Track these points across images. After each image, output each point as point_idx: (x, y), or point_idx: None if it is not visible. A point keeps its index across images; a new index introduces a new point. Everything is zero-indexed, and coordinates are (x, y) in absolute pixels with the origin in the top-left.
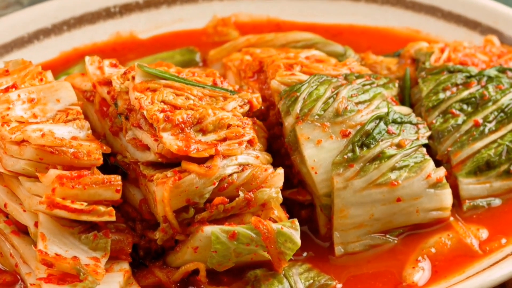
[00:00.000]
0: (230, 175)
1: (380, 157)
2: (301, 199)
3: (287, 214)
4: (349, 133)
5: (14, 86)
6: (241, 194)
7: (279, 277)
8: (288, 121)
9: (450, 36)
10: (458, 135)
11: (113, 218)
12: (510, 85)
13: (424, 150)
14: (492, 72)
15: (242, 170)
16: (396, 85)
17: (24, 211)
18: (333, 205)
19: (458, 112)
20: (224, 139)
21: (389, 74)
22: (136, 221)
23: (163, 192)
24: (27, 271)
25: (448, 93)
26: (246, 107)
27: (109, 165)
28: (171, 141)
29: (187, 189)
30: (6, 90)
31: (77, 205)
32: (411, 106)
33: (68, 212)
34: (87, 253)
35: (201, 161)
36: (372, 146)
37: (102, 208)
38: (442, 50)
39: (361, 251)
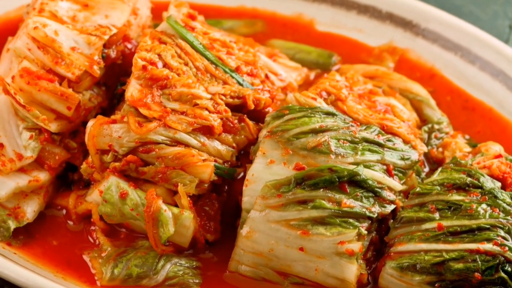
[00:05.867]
0: (157, 143)
1: (309, 203)
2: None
3: (192, 207)
4: (302, 169)
5: None
6: (157, 164)
7: (154, 255)
8: (262, 132)
9: None
10: (415, 229)
11: (48, 127)
12: (505, 215)
13: (366, 223)
14: (504, 195)
15: (175, 146)
16: (412, 159)
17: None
18: (246, 223)
19: (436, 210)
20: (182, 113)
21: (448, 157)
22: None
23: (91, 126)
24: None
25: (443, 189)
26: (237, 101)
27: (113, 93)
28: (131, 88)
29: (110, 135)
30: None
31: (17, 97)
32: None
33: (15, 103)
34: (16, 148)
35: (147, 120)
36: (307, 189)
37: (38, 113)
38: (495, 157)
39: (251, 277)
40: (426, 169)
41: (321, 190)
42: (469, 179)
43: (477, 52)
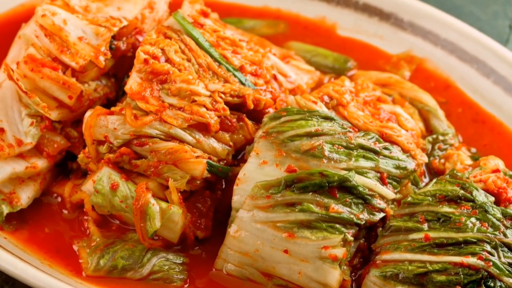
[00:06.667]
0: (151, 137)
1: (297, 206)
2: None
3: (182, 203)
4: (293, 171)
5: None
6: (149, 158)
7: (141, 249)
8: (258, 133)
9: None
10: (402, 238)
11: (48, 115)
12: (493, 230)
13: (353, 229)
14: (495, 210)
15: (170, 141)
16: (408, 168)
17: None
18: (234, 222)
19: (425, 221)
20: (179, 108)
21: (449, 168)
22: None
23: (88, 117)
24: None
25: (435, 200)
26: (237, 100)
27: (120, 85)
28: (131, 81)
29: (106, 126)
30: None
31: (19, 83)
32: None
33: (18, 89)
34: (17, 133)
35: (146, 114)
36: (296, 192)
37: (39, 100)
38: (492, 171)
39: (237, 277)
40: (427, 180)
41: (310, 193)
42: (461, 192)
43: (493, 65)
